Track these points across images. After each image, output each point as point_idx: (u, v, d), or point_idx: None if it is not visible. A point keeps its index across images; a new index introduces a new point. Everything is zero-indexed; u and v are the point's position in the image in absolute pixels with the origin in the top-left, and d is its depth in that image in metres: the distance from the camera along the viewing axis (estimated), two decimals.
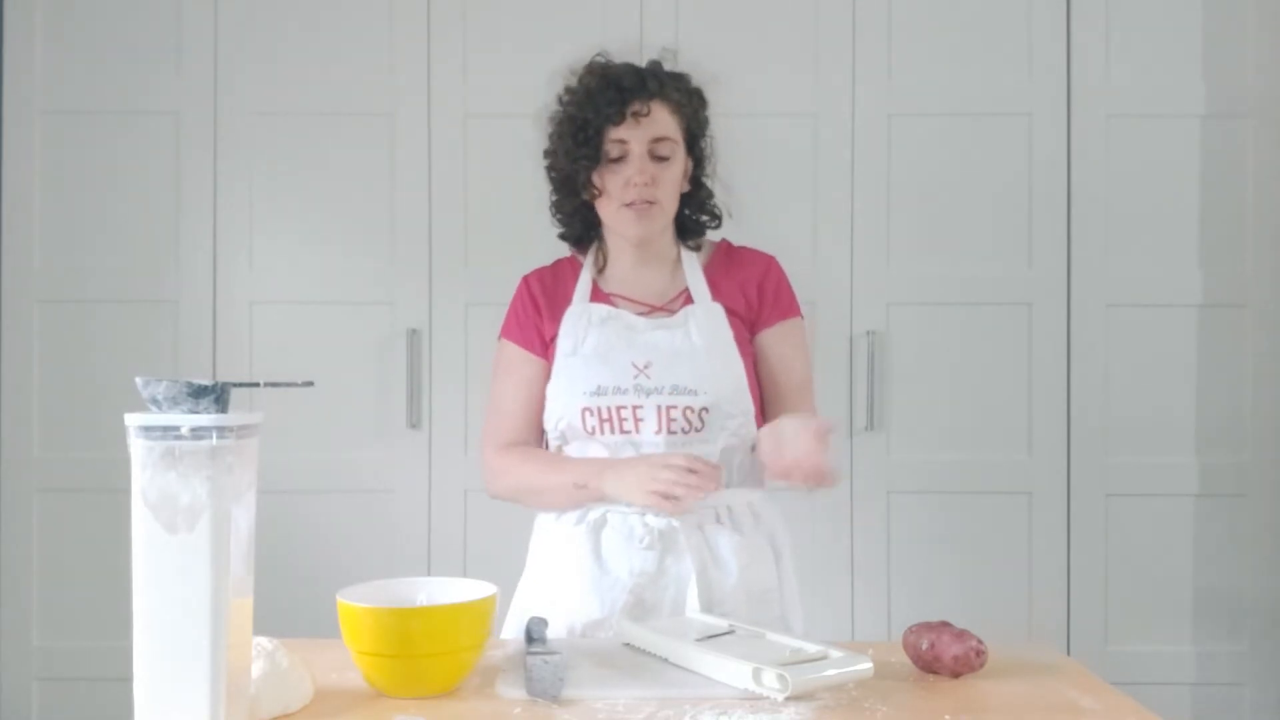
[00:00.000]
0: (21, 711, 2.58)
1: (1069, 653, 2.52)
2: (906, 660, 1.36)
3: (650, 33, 2.54)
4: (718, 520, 1.62)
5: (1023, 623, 2.56)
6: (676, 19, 2.58)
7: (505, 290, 1.76)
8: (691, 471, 1.49)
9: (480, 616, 1.26)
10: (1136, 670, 2.51)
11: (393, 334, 2.59)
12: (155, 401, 1.05)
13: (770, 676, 1.20)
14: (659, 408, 1.59)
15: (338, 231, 2.60)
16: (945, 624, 1.34)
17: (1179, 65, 2.59)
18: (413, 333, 2.57)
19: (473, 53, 2.60)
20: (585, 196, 1.68)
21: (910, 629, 1.36)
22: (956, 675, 1.31)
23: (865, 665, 1.25)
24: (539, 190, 2.25)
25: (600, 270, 1.74)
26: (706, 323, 1.65)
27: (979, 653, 1.30)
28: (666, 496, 1.50)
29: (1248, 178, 2.59)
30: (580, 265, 1.75)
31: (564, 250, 1.80)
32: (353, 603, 1.23)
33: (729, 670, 1.24)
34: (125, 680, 1.06)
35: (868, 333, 2.56)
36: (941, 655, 1.31)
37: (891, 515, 2.57)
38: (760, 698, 1.20)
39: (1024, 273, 2.59)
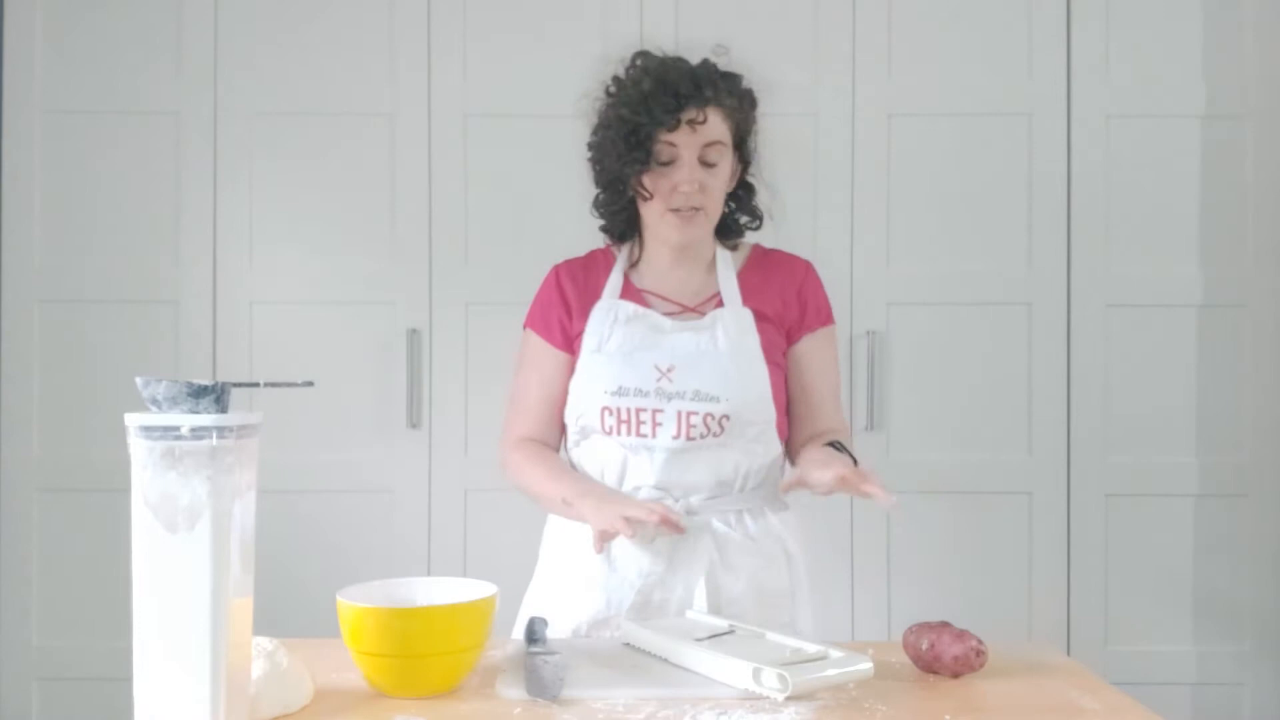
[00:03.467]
0: (21, 711, 2.58)
1: (1069, 653, 2.52)
2: (906, 660, 1.36)
3: (650, 33, 2.54)
4: (729, 524, 1.62)
5: (1023, 623, 2.56)
6: (676, 19, 2.58)
7: (505, 290, 1.76)
8: (646, 509, 1.48)
9: (480, 616, 1.26)
10: (1136, 670, 2.51)
11: (393, 334, 2.59)
12: (155, 401, 1.05)
13: (770, 676, 1.20)
14: (679, 413, 1.58)
15: (338, 231, 2.60)
16: (945, 624, 1.34)
17: (1179, 65, 2.59)
18: (413, 333, 2.57)
19: (473, 53, 2.60)
20: (636, 201, 1.66)
21: (910, 629, 1.36)
22: (956, 675, 1.31)
23: (865, 665, 1.25)
24: (539, 190, 2.25)
25: (634, 265, 1.73)
26: (734, 327, 1.64)
27: (979, 653, 1.30)
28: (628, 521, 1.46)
29: (1248, 178, 2.59)
30: (614, 258, 1.73)
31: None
32: (353, 603, 1.23)
33: (729, 670, 1.24)
34: (125, 680, 1.06)
35: (868, 333, 2.56)
36: (941, 655, 1.31)
37: (891, 515, 2.57)
38: (760, 698, 1.20)
39: (1024, 273, 2.59)
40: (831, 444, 1.59)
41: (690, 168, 1.60)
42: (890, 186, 2.59)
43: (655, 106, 1.57)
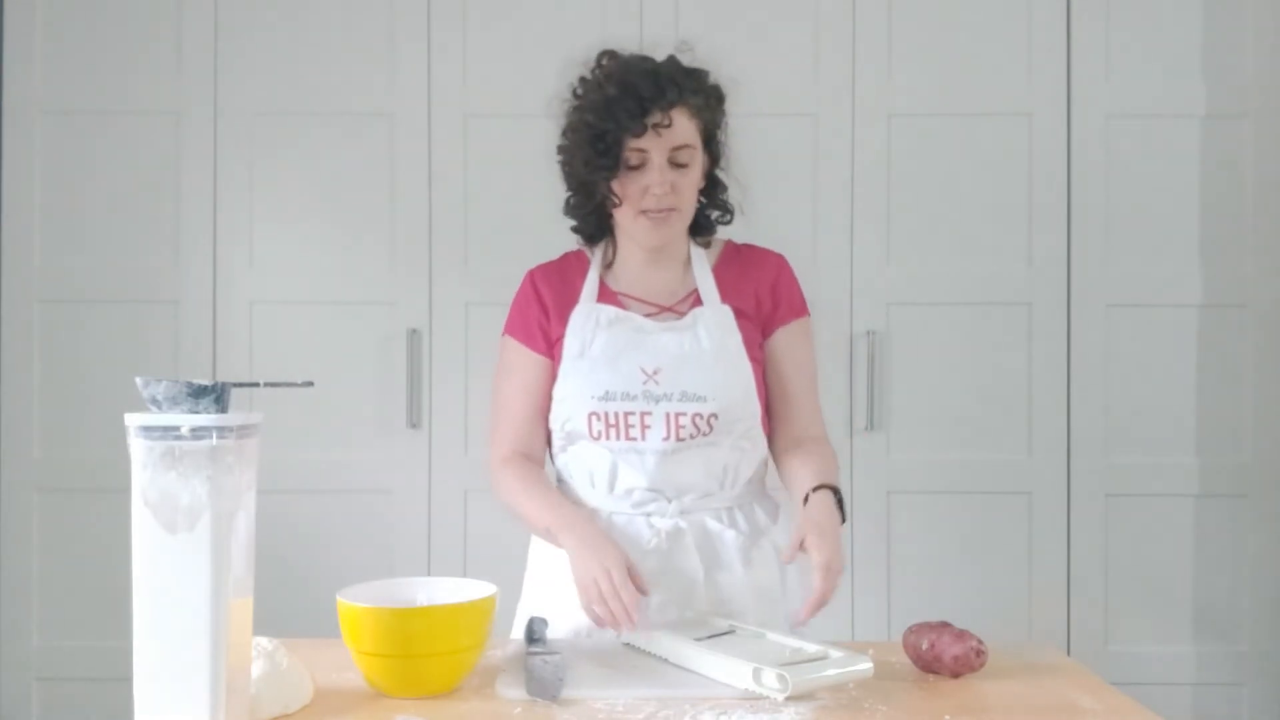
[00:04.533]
0: (21, 711, 2.58)
1: (1069, 653, 2.52)
2: (906, 660, 1.36)
3: (650, 32, 2.54)
4: (722, 522, 1.62)
5: (1023, 623, 2.56)
6: (676, 19, 2.58)
7: (506, 290, 1.75)
8: (617, 597, 1.43)
9: (480, 616, 1.26)
10: (1136, 670, 2.51)
11: (393, 334, 2.59)
12: (155, 401, 1.05)
13: (770, 676, 1.20)
14: (668, 414, 1.58)
15: (338, 231, 2.60)
16: (945, 624, 1.34)
17: (1179, 65, 2.59)
18: (413, 333, 2.57)
19: (473, 53, 2.61)
20: (606, 206, 1.65)
21: (910, 629, 1.36)
22: (956, 675, 1.31)
23: (865, 665, 1.25)
24: (539, 190, 2.23)
25: (608, 266, 1.72)
26: (715, 326, 1.63)
27: (979, 653, 1.30)
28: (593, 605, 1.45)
29: (1248, 178, 2.59)
30: (588, 260, 1.73)
31: (568, 248, 1.80)
32: (353, 603, 1.23)
33: (729, 670, 1.24)
34: (125, 680, 1.06)
35: (868, 333, 2.56)
36: (941, 655, 1.31)
37: (891, 515, 2.57)
38: (760, 698, 1.20)
39: (1024, 273, 2.59)
40: (827, 487, 1.55)
41: (661, 170, 1.58)
42: (890, 186, 2.59)
43: (620, 112, 1.55)
